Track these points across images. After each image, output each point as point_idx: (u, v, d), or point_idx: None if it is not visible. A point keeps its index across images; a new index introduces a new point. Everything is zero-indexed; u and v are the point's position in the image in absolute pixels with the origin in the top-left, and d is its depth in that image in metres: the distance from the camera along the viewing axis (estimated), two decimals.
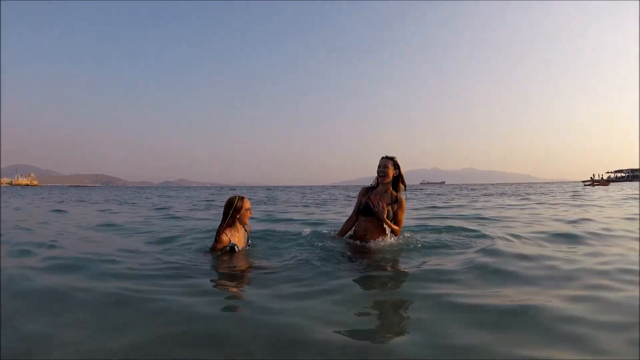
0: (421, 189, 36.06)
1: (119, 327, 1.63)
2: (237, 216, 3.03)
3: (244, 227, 3.18)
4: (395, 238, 3.27)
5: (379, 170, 3.26)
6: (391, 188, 3.30)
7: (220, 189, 46.64)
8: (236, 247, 3.00)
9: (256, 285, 2.34)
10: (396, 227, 3.23)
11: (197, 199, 16.60)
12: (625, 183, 52.23)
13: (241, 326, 1.65)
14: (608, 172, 72.95)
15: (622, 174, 73.97)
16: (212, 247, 3.02)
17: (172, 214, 7.99)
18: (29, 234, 4.60)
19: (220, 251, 2.97)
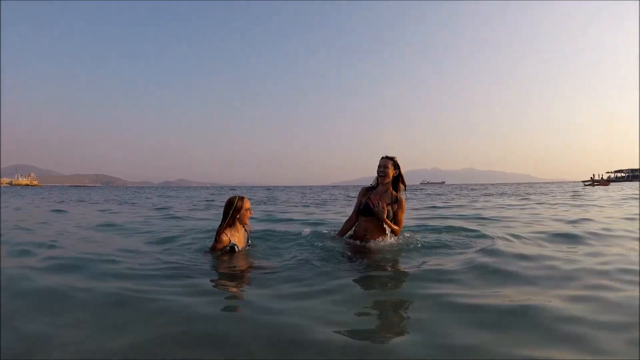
0: (421, 189, 36.06)
1: (119, 327, 1.63)
2: (237, 216, 3.03)
3: (244, 227, 3.18)
4: (395, 238, 3.27)
5: (379, 170, 3.26)
6: (391, 188, 3.30)
7: (220, 189, 46.65)
8: (236, 247, 3.00)
9: (256, 285, 2.34)
10: (396, 227, 3.23)
11: (197, 199, 16.60)
12: (625, 183, 52.24)
13: (241, 326, 1.65)
14: (608, 172, 72.94)
15: (622, 174, 73.97)
16: (212, 247, 3.02)
17: (172, 214, 7.99)
18: (29, 234, 4.60)
19: (220, 251, 2.98)
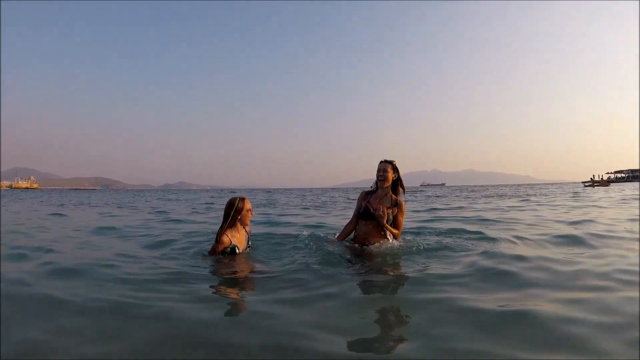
0: (421, 191, 36.06)
1: (117, 334, 1.61)
2: (238, 217, 3.01)
3: (245, 229, 3.16)
4: (395, 241, 3.26)
5: (379, 174, 3.26)
6: (391, 192, 3.30)
7: (220, 192, 46.64)
8: (237, 249, 2.98)
9: (256, 289, 2.32)
10: (396, 231, 3.23)
11: (197, 202, 16.59)
12: (625, 183, 52.26)
13: (241, 332, 1.64)
14: (608, 173, 72.92)
15: (622, 175, 73.98)
16: (213, 248, 2.99)
17: (172, 218, 7.94)
18: (27, 238, 4.58)
19: (220, 253, 2.95)
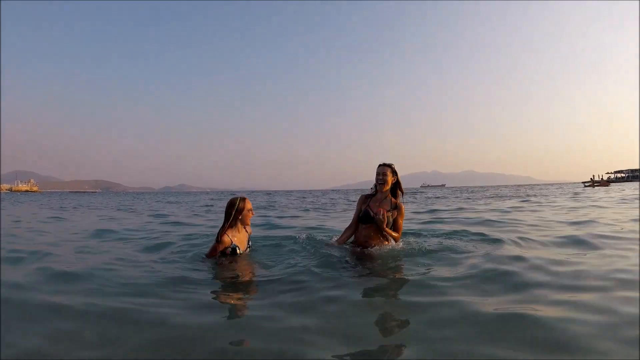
0: (421, 192, 36.05)
1: (117, 339, 1.60)
2: (239, 217, 3.00)
3: (245, 229, 3.14)
4: (396, 244, 3.25)
5: (378, 178, 3.25)
6: (390, 195, 3.29)
7: (220, 194, 46.65)
8: (238, 249, 2.96)
9: (256, 293, 2.31)
10: (396, 234, 3.24)
11: (197, 205, 16.58)
12: (625, 183, 52.29)
13: (241, 337, 1.63)
14: (608, 173, 72.93)
15: (622, 175, 74.00)
16: (213, 248, 2.96)
17: (172, 220, 7.92)
18: (25, 242, 4.56)
19: (221, 253, 2.93)
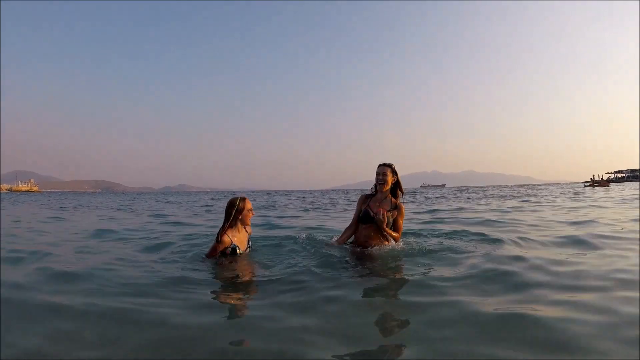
0: (421, 192, 36.05)
1: (117, 339, 1.59)
2: (240, 217, 3.00)
3: (245, 229, 3.14)
4: (396, 244, 3.25)
5: (378, 178, 3.25)
6: (390, 195, 3.28)
7: (220, 194, 46.65)
8: (238, 249, 2.95)
9: (256, 293, 2.31)
10: (396, 235, 3.24)
11: (197, 205, 16.57)
12: (625, 183, 52.29)
13: (241, 337, 1.63)
14: (608, 173, 72.92)
15: (622, 175, 74.00)
16: (213, 248, 2.96)
17: (172, 220, 7.92)
18: (25, 242, 4.55)
19: (221, 253, 2.92)
